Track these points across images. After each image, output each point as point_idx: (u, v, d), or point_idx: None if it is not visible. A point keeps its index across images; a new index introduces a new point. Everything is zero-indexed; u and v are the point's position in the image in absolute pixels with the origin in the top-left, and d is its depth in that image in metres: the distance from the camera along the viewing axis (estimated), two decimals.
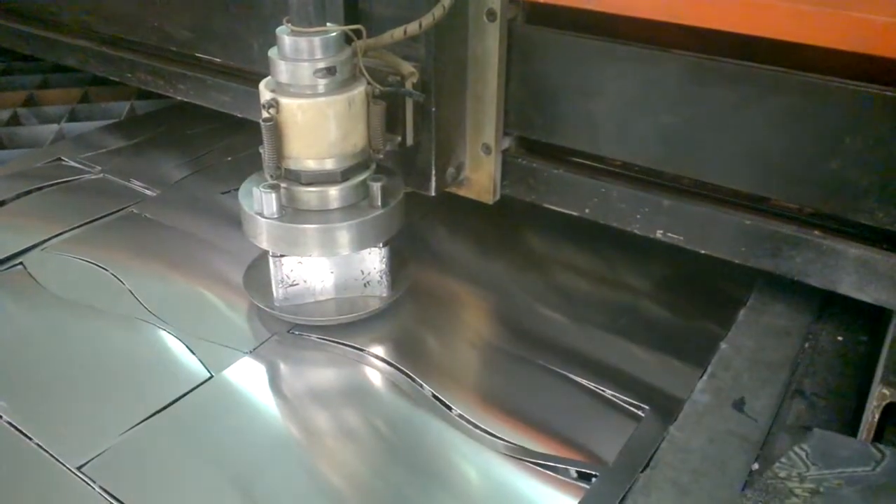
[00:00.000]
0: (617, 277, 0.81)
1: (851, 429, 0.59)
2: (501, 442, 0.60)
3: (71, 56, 1.13)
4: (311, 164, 0.65)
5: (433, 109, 0.70)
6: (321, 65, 0.63)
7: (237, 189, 0.71)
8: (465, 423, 0.62)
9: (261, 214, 0.67)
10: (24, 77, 1.29)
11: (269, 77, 0.65)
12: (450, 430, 0.61)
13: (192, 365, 0.67)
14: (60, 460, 0.58)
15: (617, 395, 0.64)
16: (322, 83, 0.63)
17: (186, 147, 1.07)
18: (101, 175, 0.99)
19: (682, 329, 0.73)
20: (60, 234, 0.85)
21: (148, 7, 0.99)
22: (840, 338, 0.71)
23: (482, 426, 0.61)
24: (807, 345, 0.70)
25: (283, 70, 0.63)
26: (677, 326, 0.74)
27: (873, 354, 0.65)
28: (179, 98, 1.02)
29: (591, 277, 0.81)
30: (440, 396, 0.64)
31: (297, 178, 0.66)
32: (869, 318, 0.71)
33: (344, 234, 0.67)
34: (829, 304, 0.74)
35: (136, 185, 0.96)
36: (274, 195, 0.65)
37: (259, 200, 0.66)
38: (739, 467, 0.57)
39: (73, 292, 0.76)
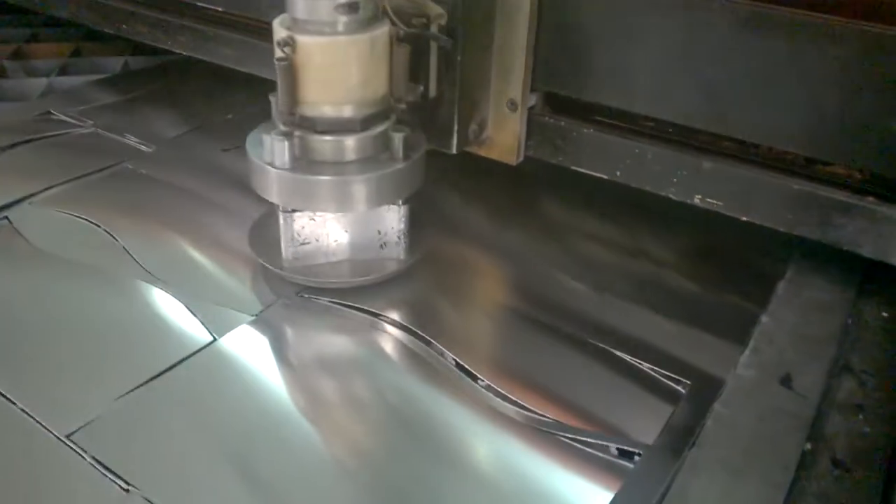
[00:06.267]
0: (642, 247, 0.77)
1: None
2: (533, 415, 0.56)
3: (62, 6, 1.07)
4: (327, 111, 0.61)
5: (459, 58, 0.66)
6: None
7: (239, 147, 0.66)
8: (492, 395, 0.57)
9: (271, 165, 0.62)
10: (13, 30, 1.23)
11: (284, 14, 0.61)
12: (475, 403, 0.57)
13: (193, 328, 0.63)
14: (48, 427, 0.54)
15: (655, 368, 0.60)
16: (343, 21, 0.59)
17: (184, 103, 1.03)
18: (94, 130, 0.94)
19: (713, 302, 0.70)
20: (49, 188, 0.81)
21: None
22: (885, 314, 0.67)
23: (513, 398, 0.57)
24: (850, 320, 0.66)
25: (300, 4, 0.59)
26: (708, 299, 0.70)
27: None
28: (178, 51, 0.97)
29: (618, 247, 0.77)
30: (465, 365, 0.60)
31: (311, 125, 0.62)
32: None
33: (361, 189, 0.62)
34: (871, 279, 0.70)
35: (131, 140, 0.92)
36: (287, 143, 0.61)
37: (270, 149, 0.62)
38: (792, 447, 0.52)
39: (63, 249, 0.71)
